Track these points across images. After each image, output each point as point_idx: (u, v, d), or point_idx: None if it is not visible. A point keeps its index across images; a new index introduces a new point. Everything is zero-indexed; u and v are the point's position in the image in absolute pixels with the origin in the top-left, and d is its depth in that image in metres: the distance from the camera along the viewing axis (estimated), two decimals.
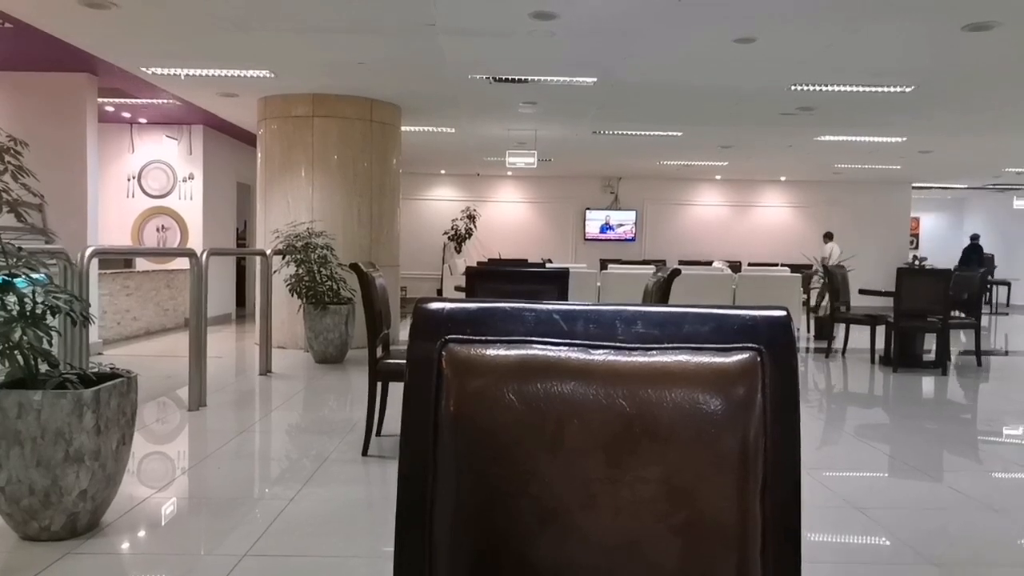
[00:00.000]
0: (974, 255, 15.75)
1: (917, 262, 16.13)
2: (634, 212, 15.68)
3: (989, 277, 16.15)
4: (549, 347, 0.76)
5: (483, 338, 0.77)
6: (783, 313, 0.78)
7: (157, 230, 9.76)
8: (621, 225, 15.71)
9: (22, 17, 5.36)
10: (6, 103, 7.02)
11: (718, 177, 15.36)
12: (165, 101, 8.28)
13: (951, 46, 5.65)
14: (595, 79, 6.88)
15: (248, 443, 4.13)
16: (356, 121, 7.76)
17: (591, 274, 9.21)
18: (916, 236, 19.50)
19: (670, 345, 0.77)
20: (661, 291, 3.49)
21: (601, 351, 0.76)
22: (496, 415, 0.74)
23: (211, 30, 5.62)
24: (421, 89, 7.45)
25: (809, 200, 15.86)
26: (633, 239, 15.67)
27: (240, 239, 11.83)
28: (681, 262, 11.99)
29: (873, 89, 7.05)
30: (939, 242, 19.41)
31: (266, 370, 6.20)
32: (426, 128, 9.75)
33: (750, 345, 0.76)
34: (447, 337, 0.77)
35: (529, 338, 0.77)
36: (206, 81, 7.24)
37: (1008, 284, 16.75)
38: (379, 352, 3.59)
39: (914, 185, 16.02)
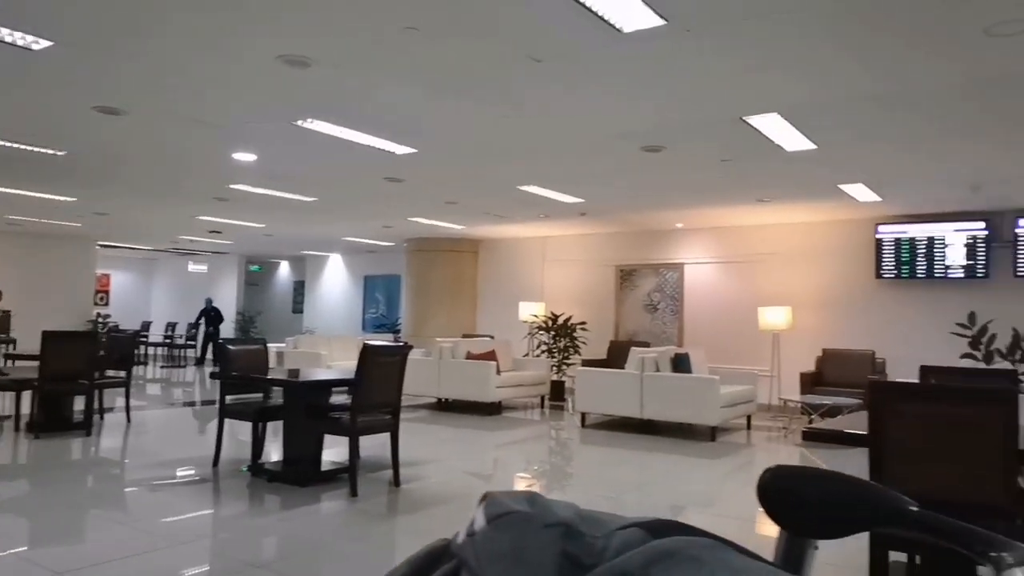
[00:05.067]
0: (213, 314, 17.10)
1: (102, 320, 16.28)
2: None
3: (144, 335, 17.22)
4: None
5: None
6: None
7: None
8: None
9: None
10: None
11: None
12: None
13: (87, 122, 5.93)
14: None
15: None
16: None
17: None
18: (107, 293, 19.72)
19: None
20: None
21: None
22: None
23: None
24: None
25: None
26: None
27: None
28: None
29: (24, 147, 6.83)
30: (130, 299, 20.12)
31: None
32: None
33: None
34: None
35: None
36: None
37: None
38: None
39: (101, 243, 16.20)
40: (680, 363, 8.45)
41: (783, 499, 0.76)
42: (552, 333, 11.15)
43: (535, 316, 11.71)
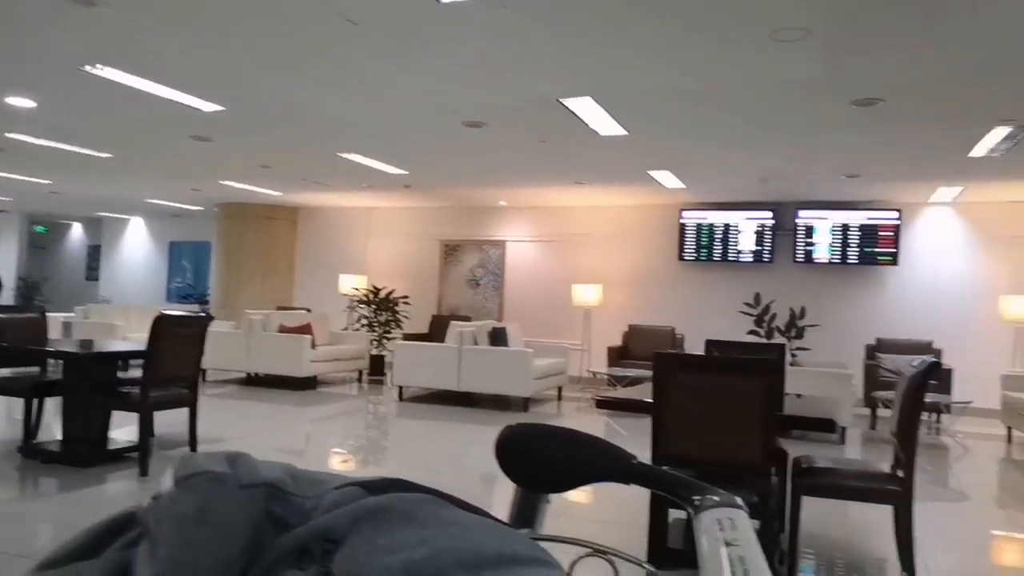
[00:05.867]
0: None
1: None
2: None
3: None
4: None
5: None
6: None
7: None
8: None
9: None
10: None
11: None
12: None
13: None
14: None
15: None
16: None
17: None
18: None
19: None
20: None
21: None
22: None
23: None
24: None
25: None
26: None
27: None
28: None
29: None
30: None
31: None
32: None
33: None
34: None
35: None
36: None
37: None
38: None
39: None
40: (498, 337, 8.64)
41: (516, 456, 0.78)
42: (373, 307, 10.98)
43: (356, 289, 11.48)
